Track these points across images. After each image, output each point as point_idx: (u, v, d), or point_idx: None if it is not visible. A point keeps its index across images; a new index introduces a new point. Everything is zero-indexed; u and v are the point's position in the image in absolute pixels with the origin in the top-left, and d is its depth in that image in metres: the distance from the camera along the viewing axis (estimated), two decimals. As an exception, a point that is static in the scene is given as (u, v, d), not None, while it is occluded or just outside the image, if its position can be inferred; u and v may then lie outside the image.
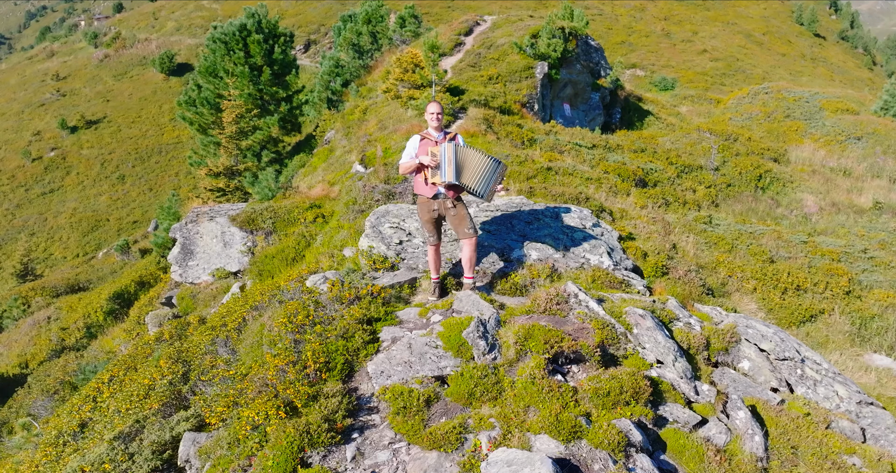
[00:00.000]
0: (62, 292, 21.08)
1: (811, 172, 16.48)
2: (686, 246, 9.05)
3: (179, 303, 10.68)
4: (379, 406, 4.89)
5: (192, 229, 10.81)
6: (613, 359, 5.38)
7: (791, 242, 10.87)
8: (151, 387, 6.06)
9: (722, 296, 8.04)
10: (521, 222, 7.30)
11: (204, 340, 6.59)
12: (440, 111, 5.80)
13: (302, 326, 5.60)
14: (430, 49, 14.00)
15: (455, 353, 5.10)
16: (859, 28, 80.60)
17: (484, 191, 5.74)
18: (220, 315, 7.17)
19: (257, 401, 4.72)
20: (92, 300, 17.01)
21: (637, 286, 6.74)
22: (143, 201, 49.08)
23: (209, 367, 6.10)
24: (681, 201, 12.82)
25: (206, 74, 19.13)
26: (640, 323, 5.61)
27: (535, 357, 4.98)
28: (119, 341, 12.13)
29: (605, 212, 9.00)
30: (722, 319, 6.51)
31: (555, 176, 10.40)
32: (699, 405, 5.18)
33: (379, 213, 7.36)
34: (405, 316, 5.88)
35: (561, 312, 5.71)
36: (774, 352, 5.98)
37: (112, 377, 6.83)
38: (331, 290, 6.04)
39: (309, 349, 5.26)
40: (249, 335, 6.18)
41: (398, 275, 6.55)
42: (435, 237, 5.99)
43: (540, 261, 6.70)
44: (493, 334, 5.30)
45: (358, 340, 5.37)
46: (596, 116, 21.14)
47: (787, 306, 8.02)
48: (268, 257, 8.93)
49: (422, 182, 5.84)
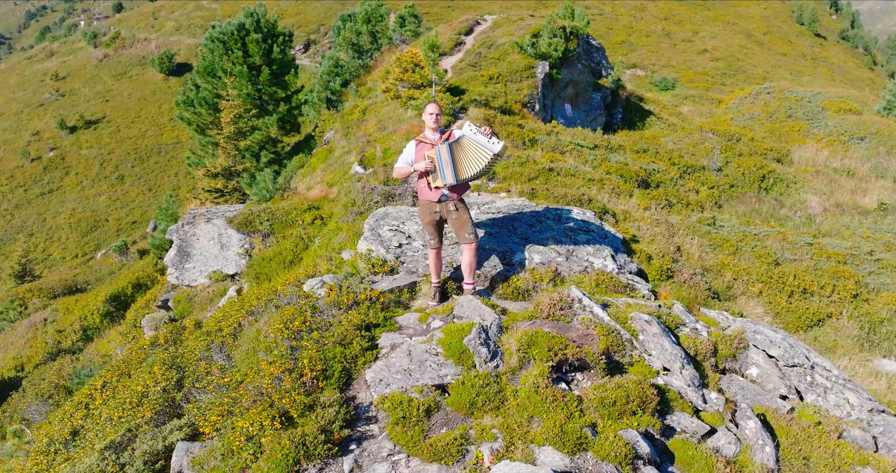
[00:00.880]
0: (59, 294, 20.93)
1: (815, 173, 16.33)
2: (690, 249, 8.90)
3: (176, 306, 10.52)
4: (377, 416, 4.74)
5: (188, 231, 10.65)
6: (619, 366, 5.23)
7: (796, 244, 10.73)
8: (145, 394, 5.91)
9: (728, 300, 7.88)
10: (522, 225, 7.15)
11: (199, 345, 6.44)
12: (438, 112, 5.65)
13: (298, 332, 5.46)
14: (429, 48, 13.85)
15: (456, 360, 4.95)
16: (860, 28, 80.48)
17: (484, 171, 5.60)
18: (216, 320, 7.03)
19: (252, 411, 4.57)
20: (88, 302, 16.84)
21: (642, 291, 6.59)
22: (142, 201, 48.96)
23: (204, 374, 5.96)
24: (684, 203, 12.67)
25: (205, 73, 18.97)
26: (645, 329, 5.46)
27: (538, 365, 4.84)
28: (115, 344, 11.97)
29: (608, 214, 8.85)
30: (729, 324, 6.36)
31: (557, 177, 10.25)
32: (707, 414, 5.04)
33: (378, 215, 7.21)
34: (405, 322, 5.73)
35: (564, 317, 5.56)
36: (783, 358, 5.83)
37: (105, 383, 6.67)
38: (328, 295, 5.89)
39: (306, 357, 5.12)
40: (245, 340, 6.03)
41: (397, 279, 6.40)
42: (436, 240, 5.84)
43: (542, 265, 6.55)
44: (495, 340, 5.15)
45: (356, 347, 5.22)
46: (597, 116, 21.00)
47: (794, 310, 7.86)
48: (265, 259, 8.78)
49: (425, 188, 5.69)
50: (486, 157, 5.47)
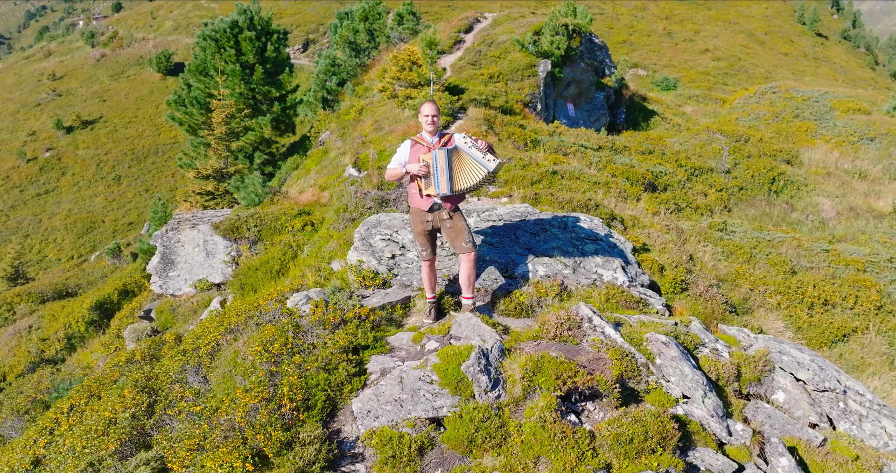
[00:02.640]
0: (49, 298, 20.41)
1: (826, 175, 15.80)
2: (704, 257, 8.37)
3: (158, 317, 10.01)
4: (364, 453, 4.23)
5: (172, 238, 10.13)
6: (634, 394, 4.72)
7: (812, 250, 10.21)
8: (112, 421, 5.40)
9: (745, 313, 7.36)
10: (526, 234, 6.63)
11: (174, 366, 5.92)
12: (435, 113, 5.13)
13: (279, 355, 4.94)
14: (427, 46, 13.31)
15: (453, 390, 4.43)
16: (861, 27, 79.93)
17: (477, 186, 5.09)
18: (195, 336, 6.51)
19: (222, 450, 4.05)
20: (74, 309, 16.30)
21: (655, 306, 6.07)
22: (139, 202, 48.46)
23: (177, 398, 5.44)
24: (693, 206, 12.15)
25: (196, 72, 18.44)
26: (663, 352, 4.94)
27: (544, 395, 4.32)
28: (97, 355, 11.45)
29: (616, 220, 8.33)
30: (751, 342, 5.84)
31: (561, 180, 9.72)
32: (733, 448, 4.52)
33: (369, 223, 6.69)
34: (397, 342, 5.22)
35: (573, 339, 5.04)
36: (813, 382, 5.31)
37: (73, 405, 6.17)
38: (313, 312, 5.37)
39: (286, 384, 4.60)
40: (223, 362, 5.51)
41: (390, 294, 5.88)
42: (429, 252, 5.31)
43: (547, 277, 6.03)
44: (497, 366, 4.63)
45: (342, 372, 4.71)
46: (600, 116, 20.47)
47: (816, 324, 7.34)
48: (251, 269, 8.27)
49: (416, 194, 5.16)
50: (481, 173, 4.96)
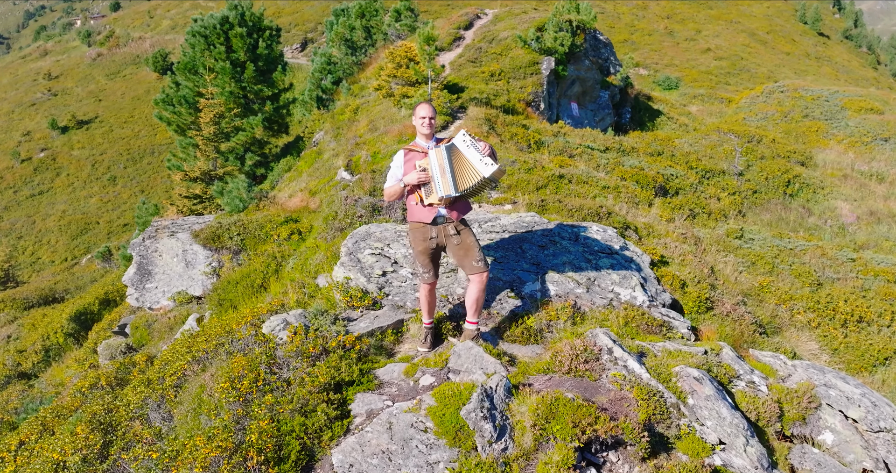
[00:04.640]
0: (34, 304, 19.70)
1: (842, 177, 15.11)
2: (725, 269, 7.69)
3: (133, 333, 9.30)
4: (345, 519, 3.54)
5: (150, 247, 9.41)
6: (663, 440, 4.03)
7: (837, 259, 9.51)
8: (61, 465, 4.70)
9: (775, 333, 6.68)
10: (533, 247, 5.93)
11: (135, 399, 5.22)
12: (432, 115, 4.43)
13: (248, 394, 4.24)
14: (425, 41, 12.60)
15: (451, 441, 3.74)
16: (863, 27, 79.21)
17: (476, 189, 4.39)
18: (162, 362, 5.81)
19: (172, 518, 3.36)
20: (54, 318, 15.59)
21: (680, 329, 5.38)
22: (134, 203, 47.67)
23: (135, 439, 4.75)
24: (706, 211, 11.46)
25: (185, 70, 17.73)
26: (696, 391, 4.25)
27: (560, 447, 3.63)
28: (71, 372, 10.77)
29: (629, 229, 7.64)
30: (788, 372, 5.15)
31: (568, 185, 9.03)
32: (781, 506, 3.85)
33: (358, 235, 5.98)
34: (386, 376, 4.52)
35: (591, 374, 4.35)
36: (865, 421, 4.62)
37: (22, 442, 5.48)
38: (291, 340, 4.68)
39: (255, 430, 3.92)
40: (188, 397, 4.81)
41: (380, 316, 5.18)
42: (431, 274, 4.59)
43: (558, 297, 5.34)
44: (503, 409, 3.94)
45: (321, 416, 4.01)
46: (605, 115, 19.78)
47: (854, 345, 6.66)
48: (231, 283, 7.57)
49: (416, 207, 4.45)
50: (475, 177, 4.24)
